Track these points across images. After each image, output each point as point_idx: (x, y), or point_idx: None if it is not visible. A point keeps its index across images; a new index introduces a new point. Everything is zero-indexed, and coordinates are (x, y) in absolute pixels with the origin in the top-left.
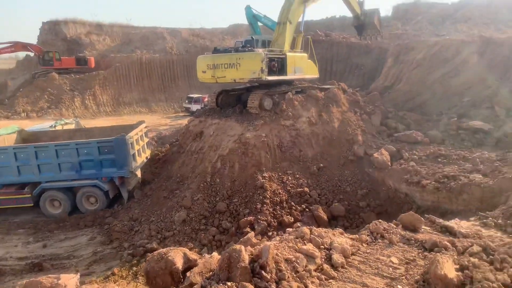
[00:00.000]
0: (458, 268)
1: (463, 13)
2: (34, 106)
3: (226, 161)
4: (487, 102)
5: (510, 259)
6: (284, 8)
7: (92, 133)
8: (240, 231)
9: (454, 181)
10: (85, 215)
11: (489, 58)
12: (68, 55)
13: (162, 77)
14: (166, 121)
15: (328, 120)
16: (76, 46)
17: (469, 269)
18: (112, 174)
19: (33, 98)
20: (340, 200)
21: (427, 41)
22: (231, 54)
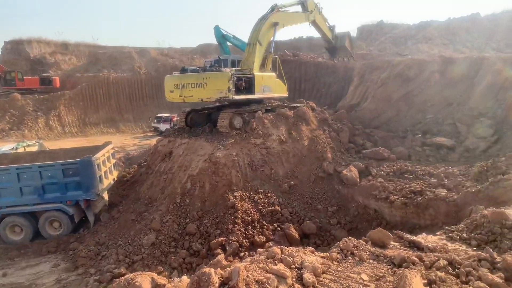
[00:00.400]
0: (426, 282)
1: (424, 34)
2: None
3: (196, 181)
4: (449, 118)
5: (475, 272)
6: (255, 30)
7: (56, 155)
8: (211, 253)
9: (420, 196)
10: (48, 241)
11: (449, 76)
12: (31, 75)
13: (130, 96)
14: (134, 142)
15: (298, 138)
16: (40, 66)
17: (436, 283)
18: (77, 197)
19: None
20: (311, 217)
21: (391, 61)
22: (198, 73)
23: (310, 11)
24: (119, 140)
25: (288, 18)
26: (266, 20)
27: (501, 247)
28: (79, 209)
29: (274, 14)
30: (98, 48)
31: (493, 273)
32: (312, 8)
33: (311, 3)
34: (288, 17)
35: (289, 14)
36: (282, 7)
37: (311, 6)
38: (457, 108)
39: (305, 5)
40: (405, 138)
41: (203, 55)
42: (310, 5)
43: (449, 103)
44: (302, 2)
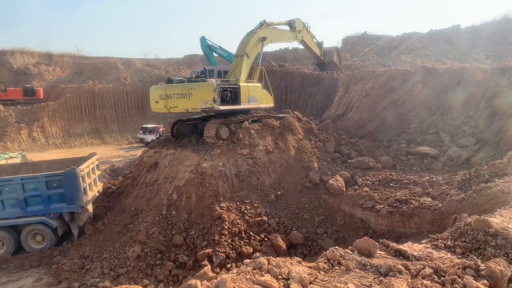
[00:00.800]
0: None
1: (407, 45)
2: None
3: (182, 192)
4: (433, 128)
5: (460, 280)
6: (243, 43)
7: (39, 167)
8: (198, 265)
9: (406, 205)
10: (30, 254)
11: (432, 86)
12: (15, 86)
13: (116, 107)
14: (120, 153)
15: (284, 148)
16: (23, 77)
17: None
18: (61, 209)
19: None
20: (299, 227)
21: (375, 71)
22: (183, 84)
23: (298, 30)
24: (104, 151)
25: (276, 35)
26: (254, 34)
27: (485, 255)
28: (63, 222)
29: (263, 29)
30: (83, 59)
31: (477, 281)
32: (300, 28)
33: (299, 23)
34: (276, 34)
35: (277, 31)
36: (271, 24)
37: (299, 26)
38: (440, 118)
39: (293, 25)
40: (390, 147)
41: (189, 66)
42: (298, 25)
43: (432, 113)
44: (290, 23)
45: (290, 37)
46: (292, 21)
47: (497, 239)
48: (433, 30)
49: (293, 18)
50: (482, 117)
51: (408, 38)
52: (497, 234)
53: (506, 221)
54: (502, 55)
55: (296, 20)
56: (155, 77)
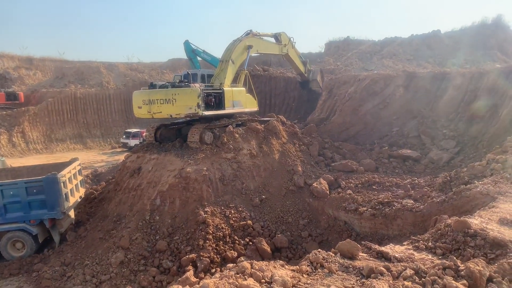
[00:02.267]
0: None
1: (388, 50)
2: None
3: (166, 197)
4: (414, 131)
5: (440, 280)
6: (228, 49)
7: (19, 173)
8: (182, 270)
9: (388, 207)
10: (10, 262)
11: (413, 90)
12: None
13: (98, 112)
14: (102, 158)
15: (269, 151)
16: (3, 81)
17: None
18: (42, 216)
19: None
20: (283, 231)
21: (357, 76)
22: (167, 89)
23: (284, 44)
24: (87, 156)
25: (262, 45)
26: (240, 42)
27: (464, 255)
28: (43, 229)
29: (249, 38)
30: (64, 63)
31: (457, 281)
32: (286, 41)
33: (284, 37)
34: (262, 44)
35: (263, 41)
36: (257, 34)
37: (284, 40)
38: (421, 121)
39: (279, 38)
40: (373, 150)
41: (173, 70)
42: (283, 39)
43: (413, 116)
44: (276, 36)
45: (275, 49)
46: (278, 34)
47: (476, 240)
48: (414, 35)
49: (279, 32)
50: (461, 120)
51: (390, 43)
52: (476, 234)
53: (485, 222)
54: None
55: (282, 34)
56: (139, 81)
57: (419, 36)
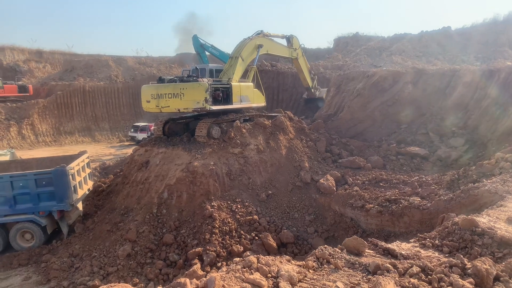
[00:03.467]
0: None
1: (397, 46)
2: None
3: (173, 190)
4: (422, 128)
5: (447, 278)
6: (238, 47)
7: (29, 165)
8: (188, 263)
9: (395, 204)
10: (19, 253)
11: (422, 87)
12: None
13: (107, 105)
14: (110, 151)
15: (276, 147)
16: (13, 74)
17: None
18: (50, 207)
19: None
20: (289, 226)
21: (366, 72)
22: (175, 84)
23: (294, 48)
24: (95, 149)
25: (272, 46)
26: (251, 40)
27: (471, 253)
28: (52, 220)
29: (260, 38)
30: (73, 56)
31: (463, 279)
32: (297, 46)
33: (296, 41)
34: (272, 45)
35: (274, 43)
36: (268, 34)
37: (296, 44)
38: (430, 118)
39: (290, 40)
40: (380, 147)
41: (181, 64)
42: (295, 43)
43: (422, 113)
44: (288, 37)
45: (285, 51)
46: (290, 36)
47: (484, 238)
48: (424, 32)
49: (292, 34)
50: (471, 118)
51: (399, 39)
52: (483, 233)
53: (492, 221)
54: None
55: (294, 37)
56: (147, 75)
57: (429, 33)
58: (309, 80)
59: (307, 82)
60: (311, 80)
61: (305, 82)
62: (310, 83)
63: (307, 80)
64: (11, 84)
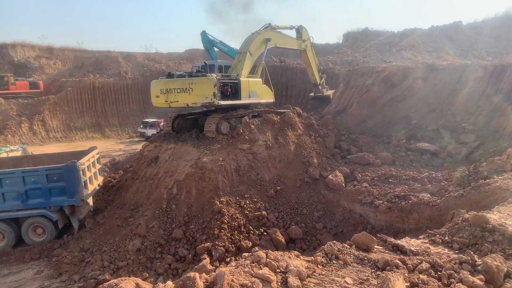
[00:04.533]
0: (409, 285)
1: (408, 41)
2: None
3: (182, 186)
4: (433, 124)
5: (456, 275)
6: (246, 42)
7: (40, 160)
8: (197, 258)
9: (404, 200)
10: (31, 247)
11: (432, 83)
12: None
13: (116, 101)
14: (120, 147)
15: (284, 143)
16: (24, 70)
17: (418, 286)
18: (61, 203)
19: None
20: (298, 222)
21: (375, 67)
22: (183, 79)
23: (303, 39)
24: (105, 145)
25: (280, 39)
26: (258, 34)
27: (481, 250)
28: (63, 215)
29: (268, 32)
30: (83, 53)
31: (474, 276)
32: (306, 37)
33: (305, 32)
34: (280, 38)
35: (282, 35)
36: (276, 27)
37: (305, 35)
38: (440, 114)
39: (300, 31)
40: (390, 143)
41: (190, 60)
42: (304, 34)
43: (432, 109)
44: (298, 28)
45: (294, 43)
46: (300, 27)
47: (494, 235)
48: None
49: (301, 25)
50: (482, 114)
51: (409, 34)
52: (494, 230)
53: (503, 217)
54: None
55: (303, 28)
56: (156, 71)
57: (439, 28)
58: (317, 75)
59: (315, 78)
60: (318, 76)
61: (312, 77)
62: (318, 79)
63: (315, 75)
64: (22, 80)
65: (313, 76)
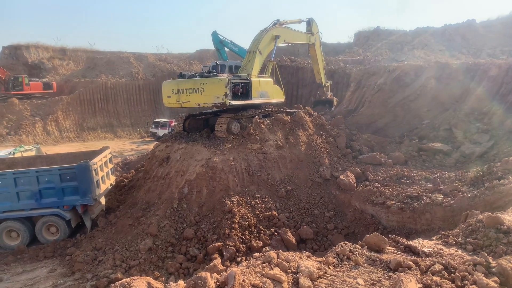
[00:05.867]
0: (422, 287)
1: (420, 40)
2: None
3: (193, 186)
4: (445, 124)
5: (470, 276)
6: (255, 40)
7: (53, 160)
8: (208, 258)
9: (417, 201)
10: (45, 246)
11: (445, 82)
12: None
13: (128, 101)
14: (132, 147)
15: (295, 143)
16: (38, 71)
17: (431, 287)
18: (74, 202)
19: None
20: (308, 222)
21: (387, 66)
22: (195, 79)
23: (312, 33)
24: (117, 145)
25: (289, 34)
26: (267, 32)
27: (496, 252)
28: (76, 214)
29: (276, 28)
30: (96, 53)
31: (488, 278)
32: (316, 31)
33: (315, 26)
34: (289, 34)
35: (290, 31)
36: (285, 23)
37: (315, 29)
38: (453, 114)
39: (310, 24)
40: (402, 143)
41: (201, 60)
42: (314, 27)
43: (445, 109)
44: (309, 21)
45: (303, 38)
46: (311, 20)
47: (509, 237)
48: (447, 25)
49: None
50: (496, 113)
51: (422, 33)
52: (509, 231)
53: None
54: None
55: (314, 21)
56: (167, 71)
57: (452, 26)
58: (323, 74)
59: (320, 77)
60: (325, 76)
61: (318, 75)
62: (323, 79)
63: (320, 73)
64: (36, 81)
65: (318, 74)
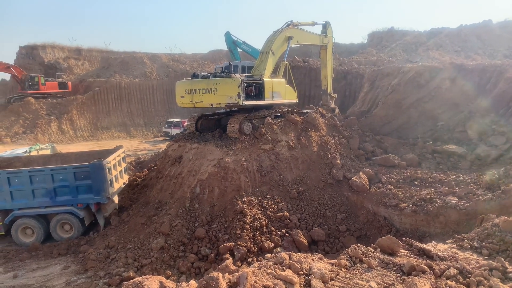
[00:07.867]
0: None
1: (435, 41)
2: (9, 131)
3: (205, 185)
4: (460, 126)
5: (486, 281)
6: (268, 41)
7: (68, 159)
8: (219, 258)
9: (431, 204)
10: (59, 243)
11: (460, 83)
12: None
13: (141, 101)
14: (145, 146)
15: (307, 144)
16: (54, 71)
17: None
18: (88, 200)
19: (7, 123)
20: (320, 224)
21: (401, 67)
22: (208, 79)
23: (326, 35)
24: (130, 144)
25: (302, 36)
26: (280, 33)
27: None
28: (89, 212)
29: (290, 29)
30: (110, 54)
31: (504, 283)
32: (330, 34)
33: (330, 30)
34: (302, 35)
35: (304, 32)
36: (298, 24)
37: (329, 33)
38: (468, 116)
39: (326, 27)
40: (416, 145)
41: (214, 61)
42: (329, 31)
43: (460, 110)
44: (325, 24)
45: (316, 39)
46: (328, 23)
47: None
48: (463, 26)
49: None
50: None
51: (436, 34)
52: None
53: None
54: None
55: (330, 25)
56: (180, 72)
57: (468, 27)
58: (330, 80)
59: (326, 82)
60: (331, 82)
61: (324, 81)
62: (329, 86)
63: (327, 79)
64: (52, 81)
65: (325, 79)
